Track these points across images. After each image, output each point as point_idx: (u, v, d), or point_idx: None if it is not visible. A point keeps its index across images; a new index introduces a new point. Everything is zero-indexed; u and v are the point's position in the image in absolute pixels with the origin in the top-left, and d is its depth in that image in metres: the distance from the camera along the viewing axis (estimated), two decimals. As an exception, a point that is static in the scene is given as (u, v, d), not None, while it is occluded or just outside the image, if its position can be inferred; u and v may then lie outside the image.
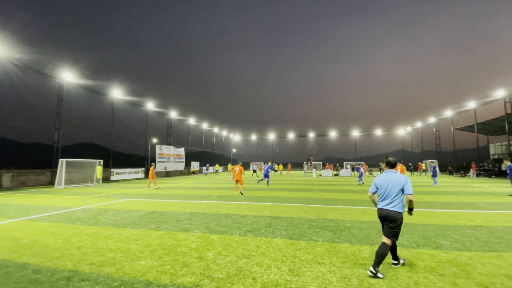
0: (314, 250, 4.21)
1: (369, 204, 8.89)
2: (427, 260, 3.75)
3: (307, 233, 5.23)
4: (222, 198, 10.65)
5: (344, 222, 6.19)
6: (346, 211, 7.63)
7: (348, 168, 35.13)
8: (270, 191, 13.60)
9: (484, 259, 3.76)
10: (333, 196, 11.29)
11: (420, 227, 5.66)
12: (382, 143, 53.42)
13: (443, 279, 3.12)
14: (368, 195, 3.86)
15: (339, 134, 52.83)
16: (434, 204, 8.97)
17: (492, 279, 3.11)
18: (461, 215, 6.99)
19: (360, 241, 4.68)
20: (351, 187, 15.57)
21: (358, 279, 3.14)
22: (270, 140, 56.86)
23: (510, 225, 5.82)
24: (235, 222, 6.22)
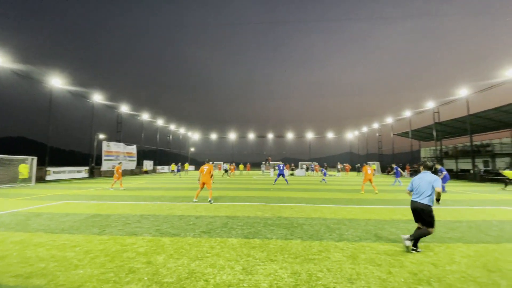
0: (268, 248, 4.29)
1: (320, 202, 9.46)
2: (368, 252, 4.13)
3: (262, 231, 5.32)
4: (176, 199, 10.21)
5: (297, 220, 6.47)
6: (299, 209, 7.99)
7: (303, 168, 36.91)
8: (228, 190, 13.51)
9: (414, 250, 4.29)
10: (287, 194, 11.72)
11: (363, 222, 6.23)
12: (333, 145, 57.54)
13: (380, 269, 3.47)
14: (406, 191, 4.66)
15: (295, 136, 55.26)
16: (375, 201, 9.95)
17: (420, 267, 3.56)
18: (397, 211, 7.89)
19: (311, 237, 4.93)
20: (304, 186, 16.38)
21: (307, 274, 3.29)
22: (230, 140, 56.64)
23: (436, 219, 6.73)
24: (189, 224, 6.00)
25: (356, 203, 9.29)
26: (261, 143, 57.63)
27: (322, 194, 12.21)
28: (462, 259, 3.85)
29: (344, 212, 7.53)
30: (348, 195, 11.74)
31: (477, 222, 6.38)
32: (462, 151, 29.30)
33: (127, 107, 31.32)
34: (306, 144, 56.10)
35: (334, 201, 9.91)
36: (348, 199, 10.53)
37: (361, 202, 9.53)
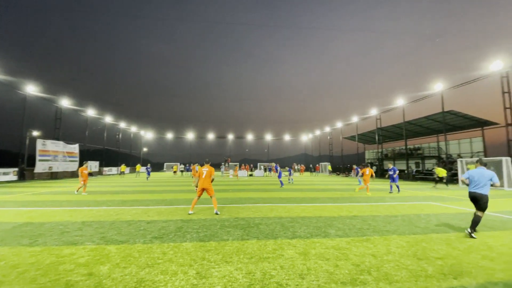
0: (223, 250, 4.26)
1: (276, 202, 9.75)
2: (318, 247, 4.40)
3: (218, 234, 5.25)
4: (125, 203, 9.46)
5: (254, 220, 6.56)
6: (256, 209, 8.11)
7: (261, 168, 37.62)
8: (183, 193, 13.02)
9: (358, 243, 4.70)
10: (246, 195, 11.81)
11: (314, 220, 6.61)
12: (289, 147, 59.94)
13: (328, 263, 3.72)
14: (461, 178, 5.74)
15: (255, 137, 56.06)
16: (325, 199, 10.66)
17: (363, 259, 3.92)
18: (344, 208, 8.57)
19: (266, 236, 5.05)
20: (263, 186, 16.70)
21: (261, 273, 3.36)
22: (188, 140, 54.76)
23: (376, 214, 7.52)
24: (139, 229, 5.61)
25: (309, 202, 9.81)
26: (221, 144, 57.08)
27: (278, 193, 12.60)
28: (397, 249, 4.36)
29: (298, 211, 7.89)
30: (302, 194, 12.33)
31: (409, 216, 7.29)
32: (398, 154, 33.23)
33: (68, 101, 27.97)
34: (265, 145, 57.40)
35: (290, 200, 10.32)
36: (302, 198, 11.06)
37: (314, 201, 10.11)
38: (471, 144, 25.59)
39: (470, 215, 7.45)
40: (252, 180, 25.02)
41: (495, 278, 3.25)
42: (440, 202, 10.04)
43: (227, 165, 38.97)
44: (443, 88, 23.04)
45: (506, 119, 18.13)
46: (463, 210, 8.24)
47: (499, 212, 7.98)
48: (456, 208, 8.75)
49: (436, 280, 3.19)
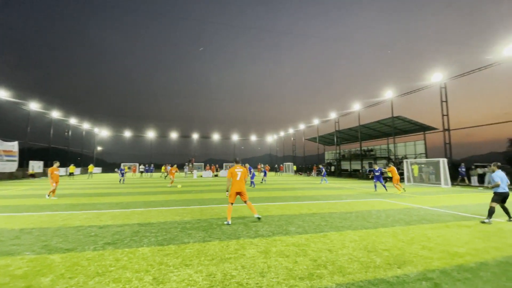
0: (183, 253, 4.12)
1: (240, 202, 9.74)
2: (279, 245, 4.51)
3: (178, 237, 5.07)
4: (75, 207, 8.62)
5: (217, 220, 6.47)
6: (220, 210, 8.02)
7: (227, 169, 37.34)
8: (142, 195, 12.32)
9: (316, 239, 4.94)
10: (210, 196, 11.60)
11: (276, 218, 6.78)
12: (255, 148, 60.59)
13: (288, 259, 3.84)
14: (498, 183, 6.49)
15: (221, 138, 55.44)
16: (288, 198, 11.00)
17: (320, 254, 4.12)
18: (304, 206, 8.93)
19: (229, 237, 5.02)
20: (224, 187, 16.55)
21: (222, 274, 3.33)
22: (149, 139, 51.90)
23: (333, 211, 7.98)
24: (89, 236, 5.14)
25: (272, 201, 10.02)
26: (185, 143, 55.23)
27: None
28: (350, 243, 4.67)
29: (261, 210, 8.00)
30: (266, 194, 12.55)
31: (362, 212, 7.88)
32: (354, 155, 35.77)
33: (5, 92, 24.49)
34: (231, 145, 57.11)
35: (253, 200, 10.40)
36: (265, 197, 11.25)
37: (277, 200, 10.35)
38: (415, 147, 28.67)
39: (413, 210, 8.35)
40: (217, 180, 24.69)
41: (432, 266, 3.67)
42: (389, 199, 11.05)
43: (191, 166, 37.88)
44: (393, 95, 25.47)
45: (444, 125, 20.72)
46: (407, 206, 9.18)
47: (436, 207, 9.06)
48: (402, 204, 9.71)
49: (383, 270, 3.50)
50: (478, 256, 4.03)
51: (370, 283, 3.10)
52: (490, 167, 6.97)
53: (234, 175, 6.41)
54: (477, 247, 4.47)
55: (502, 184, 6.53)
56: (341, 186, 18.40)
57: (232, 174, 6.41)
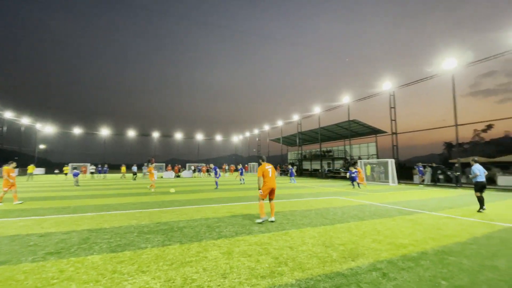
0: (140, 259, 3.87)
1: (203, 203, 9.53)
2: (242, 245, 4.51)
3: (135, 242, 4.75)
4: (10, 214, 7.53)
5: (178, 223, 6.22)
6: (181, 212, 7.73)
7: (190, 169, 36.21)
8: (94, 198, 11.30)
9: (278, 237, 5.04)
10: (171, 198, 11.12)
11: (241, 218, 6.77)
12: (220, 147, 59.88)
13: (251, 259, 3.85)
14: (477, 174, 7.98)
15: (184, 137, 53.55)
16: (251, 198, 11.07)
17: (281, 251, 4.22)
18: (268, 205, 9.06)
19: (190, 240, 4.86)
20: (190, 188, 16.08)
21: (182, 278, 3.20)
22: (102, 137, 47.79)
23: (295, 209, 8.25)
24: (27, 245, 4.53)
25: (237, 201, 9.99)
26: (144, 142, 52.07)
27: (207, 194, 12.37)
28: (310, 240, 4.88)
29: (225, 210, 7.93)
30: (231, 194, 12.47)
31: (321, 209, 8.30)
32: (314, 155, 37.59)
33: None
34: (194, 145, 55.50)
35: (217, 200, 10.26)
36: (230, 197, 11.17)
37: (241, 200, 10.35)
38: (368, 148, 31.20)
39: (366, 206, 9.05)
40: (179, 182, 23.82)
41: (381, 257, 4.01)
42: (345, 197, 11.82)
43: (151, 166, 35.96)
44: (350, 100, 27.39)
45: (392, 128, 22.91)
46: (361, 203, 9.92)
47: (385, 203, 9.96)
48: (356, 201, 10.47)
49: (338, 263, 3.72)
50: (419, 246, 4.52)
51: (327, 276, 3.27)
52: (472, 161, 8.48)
53: (266, 173, 6.38)
54: (418, 238, 5.01)
55: (480, 174, 8.00)
56: (302, 185, 19.15)
57: (263, 172, 6.38)
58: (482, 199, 7.95)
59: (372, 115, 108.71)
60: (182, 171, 33.84)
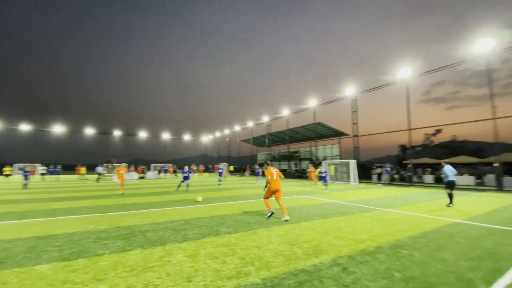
0: (96, 267, 3.59)
1: (169, 205, 9.18)
2: (208, 247, 4.43)
3: (91, 248, 4.40)
4: None
5: (140, 227, 5.91)
6: (144, 215, 7.35)
7: (156, 170, 34.62)
8: (43, 202, 10.23)
9: (245, 237, 5.06)
10: (133, 200, 10.51)
11: (208, 219, 6.66)
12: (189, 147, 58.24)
13: (217, 260, 3.81)
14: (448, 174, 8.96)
15: (149, 136, 50.98)
16: (221, 198, 10.96)
17: (248, 251, 4.23)
18: (237, 205, 9.06)
19: (153, 244, 4.64)
20: (154, 190, 15.37)
21: (143, 284, 3.04)
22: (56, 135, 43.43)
23: (263, 209, 8.34)
24: (-42, 257, 3.94)
25: (205, 202, 9.80)
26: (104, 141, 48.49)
27: (173, 196, 11.94)
28: (276, 238, 4.98)
29: (193, 212, 7.73)
30: (198, 195, 12.18)
31: (288, 208, 8.48)
32: (283, 156, 38.50)
33: None
34: (161, 144, 53.14)
35: (184, 202, 9.96)
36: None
37: (209, 201, 10.18)
38: (332, 150, 32.84)
39: (329, 204, 9.50)
40: (143, 183, 22.66)
41: (342, 252, 4.23)
42: (311, 196, 12.28)
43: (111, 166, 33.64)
44: (316, 104, 28.58)
45: (353, 131, 24.40)
46: (325, 201, 10.39)
47: (347, 201, 10.56)
48: (320, 199, 10.94)
49: (303, 260, 3.85)
50: (376, 241, 4.87)
51: (292, 274, 3.36)
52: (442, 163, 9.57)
53: (272, 175, 7.07)
54: (375, 234, 5.40)
55: (450, 175, 8.98)
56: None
57: (270, 174, 7.09)
58: (451, 195, 8.96)
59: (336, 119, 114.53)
60: (147, 172, 32.22)
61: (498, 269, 3.52)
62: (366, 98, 48.47)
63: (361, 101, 25.97)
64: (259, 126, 40.27)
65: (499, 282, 3.15)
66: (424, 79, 30.46)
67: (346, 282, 3.13)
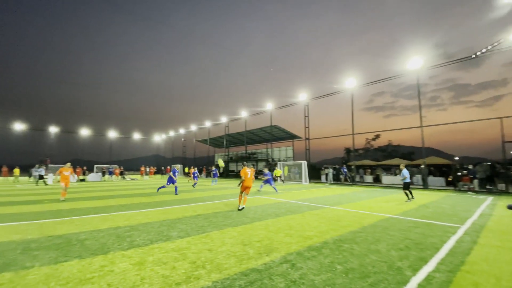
0: (24, 281, 3.12)
1: (113, 210, 8.45)
2: (157, 253, 4.21)
3: (17, 261, 3.79)
4: None
5: (78, 235, 5.31)
6: (83, 222, 6.62)
7: (100, 172, 31.42)
8: (-51, 210, 8.44)
9: (198, 241, 4.94)
10: (70, 206, 9.38)
11: (157, 224, 6.31)
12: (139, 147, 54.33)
13: (166, 266, 3.65)
14: (404, 176, 10.67)
15: (93, 134, 46.01)
16: (172, 202, 10.50)
17: (199, 255, 4.15)
18: (190, 208, 8.79)
19: (94, 253, 4.22)
20: (96, 194, 13.95)
21: (79, 299, 2.75)
22: (-32, 130, 36.21)
23: (218, 211, 8.26)
24: None
25: (155, 206, 9.27)
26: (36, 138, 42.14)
27: (118, 200, 11.00)
28: (229, 240, 4.98)
29: (140, 217, 7.24)
30: (148, 199, 11.47)
31: (243, 209, 8.58)
32: (240, 157, 38.70)
33: None
34: (106, 143, 48.39)
35: (131, 206, 9.27)
36: (147, 202, 10.26)
37: (160, 204, 9.66)
38: (286, 151, 34.28)
39: (282, 203, 9.88)
40: (83, 186, 20.39)
41: (291, 249, 4.45)
42: (266, 196, 12.61)
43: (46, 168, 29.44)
44: (272, 107, 29.48)
45: (305, 135, 25.84)
46: (278, 200, 10.78)
47: (298, 200, 11.12)
48: (274, 199, 11.32)
49: (254, 260, 3.94)
50: (322, 237, 5.24)
51: (243, 274, 3.41)
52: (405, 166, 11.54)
53: (246, 174, 8.64)
54: (321, 230, 5.81)
55: (407, 177, 10.75)
56: (227, 186, 19.38)
57: (244, 174, 8.65)
58: (408, 193, 10.87)
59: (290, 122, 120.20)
60: (88, 174, 29.08)
61: (423, 258, 4.10)
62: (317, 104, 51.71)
63: (313, 106, 27.76)
64: (217, 126, 39.78)
65: (424, 269, 3.66)
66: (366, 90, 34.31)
67: (294, 278, 3.30)
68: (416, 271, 3.58)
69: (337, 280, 3.26)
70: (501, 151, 14.90)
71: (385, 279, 3.30)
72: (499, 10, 14.29)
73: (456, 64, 17.97)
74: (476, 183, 15.97)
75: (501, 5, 13.68)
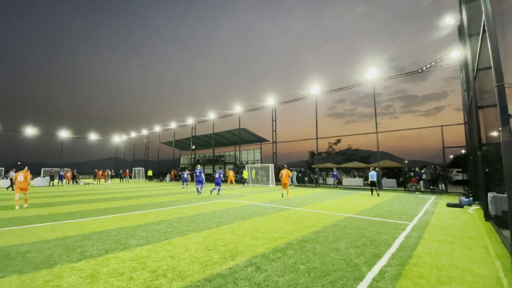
0: None
1: (63, 218, 7.64)
2: (113, 263, 3.89)
3: None
4: None
5: (19, 247, 4.68)
6: (25, 232, 5.86)
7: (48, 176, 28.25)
8: None
9: (159, 248, 4.69)
10: (10, 214, 8.25)
11: (114, 232, 5.86)
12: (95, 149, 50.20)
13: (122, 278, 3.38)
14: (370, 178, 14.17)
15: (41, 133, 41.23)
16: (132, 207, 9.86)
17: (160, 263, 3.93)
18: (151, 214, 8.34)
19: (37, 267, 3.75)
20: (43, 200, 12.50)
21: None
22: None
23: (182, 216, 7.95)
24: None
25: (112, 213, 8.61)
26: (-35, 138, 36.39)
27: (69, 207, 9.98)
28: (193, 245, 4.82)
29: (95, 225, 6.65)
30: (105, 205, 10.61)
31: (208, 213, 8.40)
32: (208, 159, 37.99)
33: None
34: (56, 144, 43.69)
35: (84, 214, 8.48)
36: (103, 209, 9.49)
37: (118, 211, 9.00)
38: (254, 154, 34.54)
39: (249, 206, 9.89)
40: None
41: (257, 252, 4.45)
42: (232, 199, 12.51)
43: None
44: (241, 110, 29.53)
45: (273, 138, 26.34)
46: (245, 203, 10.77)
47: (265, 202, 11.24)
48: (241, 202, 11.28)
49: (219, 265, 3.85)
50: (287, 238, 5.34)
51: (207, 280, 3.31)
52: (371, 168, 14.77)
53: (281, 174, 12.75)
54: (286, 231, 5.93)
55: (372, 177, 13.96)
56: (193, 190, 18.81)
57: (281, 174, 12.75)
58: (374, 190, 14.33)
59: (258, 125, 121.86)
60: (34, 178, 26.01)
61: (377, 254, 4.41)
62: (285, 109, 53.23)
63: (281, 110, 28.41)
64: (183, 128, 38.52)
65: (377, 264, 3.93)
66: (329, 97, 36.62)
67: (259, 281, 3.30)
68: (371, 266, 3.83)
69: (300, 280, 3.34)
70: (442, 155, 16.81)
71: (343, 276, 3.47)
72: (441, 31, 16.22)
73: (406, 77, 19.94)
74: (422, 184, 17.81)
75: (443, 26, 15.57)
